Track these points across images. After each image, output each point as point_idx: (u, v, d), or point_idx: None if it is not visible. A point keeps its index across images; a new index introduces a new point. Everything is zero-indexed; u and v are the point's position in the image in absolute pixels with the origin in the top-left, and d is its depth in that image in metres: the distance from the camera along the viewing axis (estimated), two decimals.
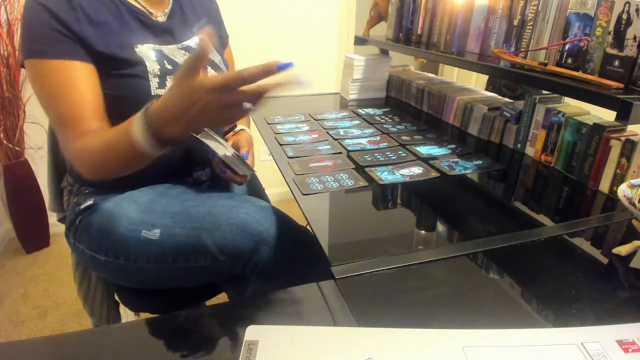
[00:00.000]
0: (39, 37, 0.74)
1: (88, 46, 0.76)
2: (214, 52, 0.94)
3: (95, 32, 0.77)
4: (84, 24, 0.76)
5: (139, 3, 0.85)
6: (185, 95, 0.60)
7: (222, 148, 0.88)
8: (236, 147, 0.93)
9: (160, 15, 0.87)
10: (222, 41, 1.03)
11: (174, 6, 0.90)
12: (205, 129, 0.90)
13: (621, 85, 0.82)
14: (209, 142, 0.88)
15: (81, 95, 0.75)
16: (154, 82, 0.81)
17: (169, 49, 0.86)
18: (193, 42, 0.91)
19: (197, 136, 0.90)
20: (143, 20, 0.84)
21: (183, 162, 0.93)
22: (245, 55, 2.12)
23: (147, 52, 0.82)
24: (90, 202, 0.86)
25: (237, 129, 1.03)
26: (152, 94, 0.80)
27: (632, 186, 0.64)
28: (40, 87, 0.75)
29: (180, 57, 0.87)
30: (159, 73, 0.81)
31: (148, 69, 0.80)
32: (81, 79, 0.75)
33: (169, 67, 0.84)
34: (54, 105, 0.75)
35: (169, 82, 0.82)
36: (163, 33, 0.87)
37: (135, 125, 0.65)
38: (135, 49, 0.80)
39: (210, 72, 0.91)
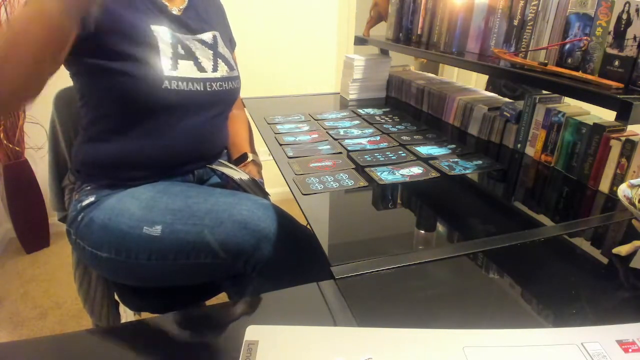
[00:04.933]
0: None
1: (96, 25, 0.77)
2: (226, 49, 0.97)
3: (109, 12, 0.79)
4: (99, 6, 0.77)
5: None
6: None
7: (236, 173, 0.89)
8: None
9: (175, 10, 0.90)
10: (230, 44, 1.06)
11: (189, 4, 0.93)
12: (220, 160, 0.92)
13: (621, 85, 0.82)
14: (223, 170, 0.90)
15: (38, 34, 0.64)
16: (166, 64, 0.83)
17: (185, 37, 0.89)
18: (207, 37, 0.94)
19: (211, 167, 0.92)
20: (160, 9, 0.87)
21: (185, 159, 0.93)
22: (245, 55, 2.12)
23: (163, 33, 0.84)
24: (92, 198, 0.87)
25: (247, 160, 1.05)
26: (165, 74, 0.82)
27: (632, 186, 0.64)
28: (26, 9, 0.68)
29: (194, 46, 0.89)
30: (171, 55, 0.84)
31: (160, 50, 0.83)
32: (51, 32, 0.65)
33: (182, 52, 0.86)
34: (23, 27, 0.64)
35: (180, 66, 0.85)
36: (179, 23, 0.90)
37: None
38: (152, 27, 0.83)
39: (222, 65, 0.93)
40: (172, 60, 0.84)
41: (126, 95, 0.82)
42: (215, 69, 0.92)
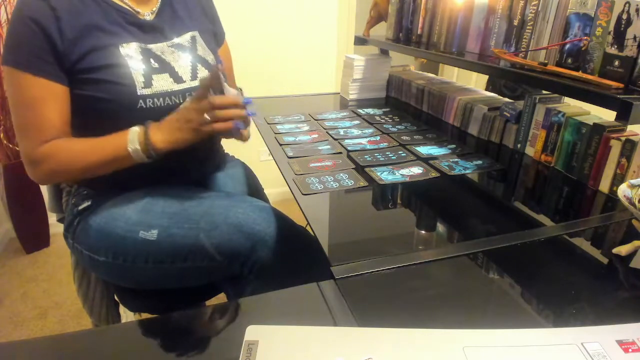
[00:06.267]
0: (22, 49, 0.75)
1: (67, 58, 0.76)
2: (207, 50, 0.94)
3: (77, 41, 0.77)
4: (65, 35, 0.76)
5: (124, 3, 0.84)
6: (180, 109, 0.80)
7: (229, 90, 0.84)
8: None
9: (147, 14, 0.86)
10: (216, 38, 1.02)
11: (162, 4, 0.89)
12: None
13: (621, 85, 0.82)
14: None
15: (49, 112, 0.78)
16: (139, 83, 0.80)
17: (158, 47, 0.85)
18: (183, 39, 0.90)
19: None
20: (130, 20, 0.83)
21: (181, 162, 0.93)
22: (245, 55, 2.12)
23: (132, 52, 0.81)
24: (88, 203, 0.86)
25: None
26: (138, 94, 0.79)
27: (632, 186, 0.64)
28: (12, 94, 0.78)
29: (169, 55, 0.86)
30: (143, 72, 0.81)
31: (132, 70, 0.80)
32: (51, 98, 0.77)
33: (156, 65, 0.83)
34: (23, 113, 0.78)
35: (155, 81, 0.82)
36: (151, 31, 0.86)
37: (133, 129, 0.78)
38: (120, 49, 0.80)
39: (203, 70, 0.91)
40: (144, 78, 0.80)
41: (104, 118, 0.80)
42: (194, 77, 0.88)
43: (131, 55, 0.81)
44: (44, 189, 1.72)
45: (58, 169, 0.79)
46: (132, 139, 0.77)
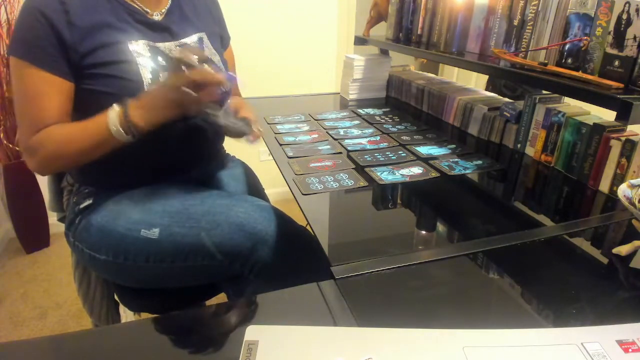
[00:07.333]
0: (28, 41, 0.76)
1: (74, 52, 0.77)
2: (213, 51, 0.94)
3: (86, 36, 0.77)
4: (74, 29, 0.76)
5: (134, 2, 0.84)
6: (159, 87, 0.76)
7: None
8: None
9: (156, 14, 0.87)
10: (222, 41, 1.03)
11: (172, 5, 0.90)
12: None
13: (621, 85, 0.82)
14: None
15: (47, 103, 0.78)
16: (146, 79, 0.80)
17: (166, 46, 0.86)
18: (191, 39, 0.91)
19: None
20: (138, 19, 0.84)
21: (182, 161, 0.93)
22: (245, 55, 2.12)
23: (140, 49, 0.82)
24: (89, 201, 0.86)
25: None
26: (145, 90, 0.80)
27: (632, 186, 0.64)
28: (16, 83, 0.78)
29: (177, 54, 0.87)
30: (151, 70, 0.81)
31: (140, 66, 0.80)
32: (51, 91, 0.77)
33: (163, 63, 0.84)
34: (23, 103, 0.79)
35: (162, 78, 0.82)
36: (160, 30, 0.87)
37: (113, 108, 0.75)
38: (129, 46, 0.80)
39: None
40: (152, 75, 0.81)
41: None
42: None
43: (139, 52, 0.81)
44: (44, 189, 1.72)
45: (50, 156, 0.79)
46: (112, 118, 0.75)
